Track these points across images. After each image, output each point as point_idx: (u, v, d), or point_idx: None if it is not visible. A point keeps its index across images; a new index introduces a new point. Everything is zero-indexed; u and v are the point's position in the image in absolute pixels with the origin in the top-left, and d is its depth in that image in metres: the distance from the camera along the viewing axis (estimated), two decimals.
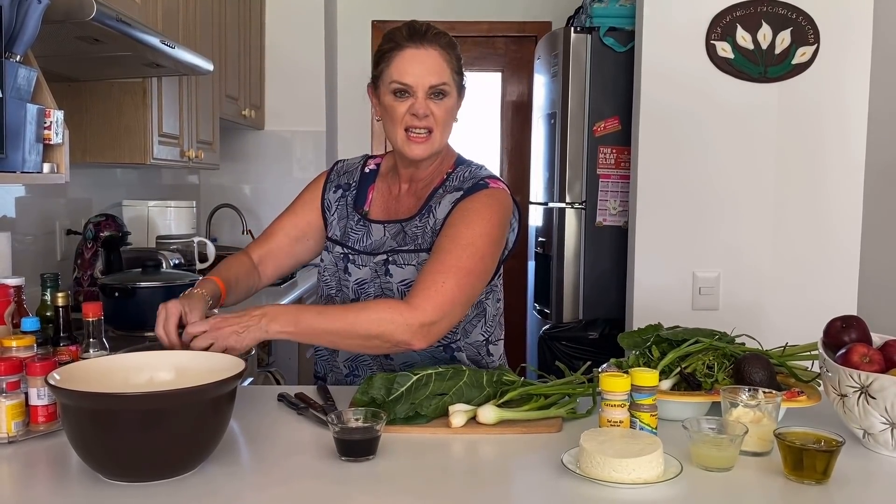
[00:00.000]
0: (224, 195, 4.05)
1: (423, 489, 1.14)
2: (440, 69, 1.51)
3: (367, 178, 1.70)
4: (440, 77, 1.51)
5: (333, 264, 1.64)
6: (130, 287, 2.16)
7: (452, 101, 1.54)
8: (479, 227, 1.47)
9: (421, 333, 1.39)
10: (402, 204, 1.63)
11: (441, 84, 1.51)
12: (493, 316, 1.64)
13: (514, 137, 4.59)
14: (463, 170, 1.61)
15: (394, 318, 1.38)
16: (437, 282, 1.41)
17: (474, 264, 1.45)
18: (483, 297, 1.59)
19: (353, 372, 1.65)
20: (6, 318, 1.48)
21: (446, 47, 1.53)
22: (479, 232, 1.47)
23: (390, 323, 1.38)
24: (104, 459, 1.12)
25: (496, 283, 1.63)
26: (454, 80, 1.53)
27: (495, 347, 1.66)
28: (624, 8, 3.10)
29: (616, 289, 3.04)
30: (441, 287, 1.40)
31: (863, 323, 1.37)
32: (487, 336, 1.63)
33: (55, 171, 1.69)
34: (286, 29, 4.03)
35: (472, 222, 1.48)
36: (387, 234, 1.60)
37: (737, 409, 1.26)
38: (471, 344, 1.61)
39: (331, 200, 1.70)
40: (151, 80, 2.49)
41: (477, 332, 1.61)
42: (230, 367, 1.23)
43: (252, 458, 1.25)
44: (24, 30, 1.50)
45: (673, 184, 2.75)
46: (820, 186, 2.74)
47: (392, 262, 1.55)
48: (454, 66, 1.53)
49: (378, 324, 1.38)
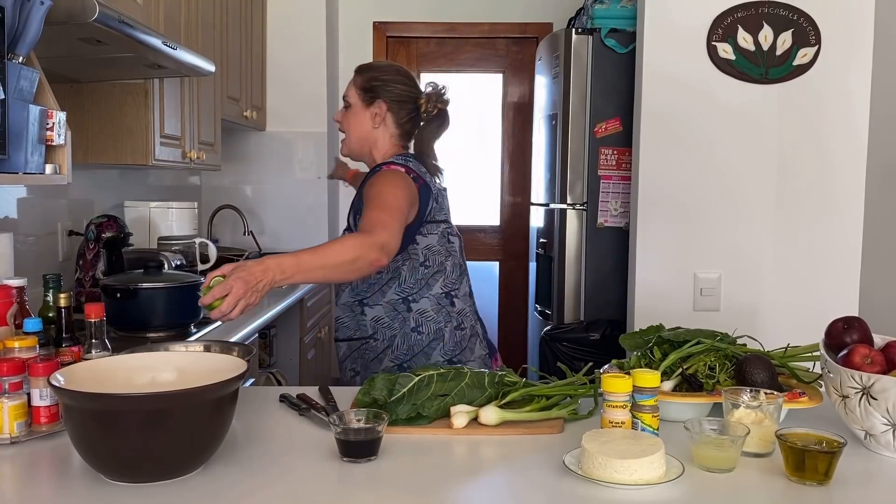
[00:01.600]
0: (225, 196, 4.06)
1: (425, 490, 1.14)
2: (347, 87, 2.03)
3: None
4: (345, 91, 2.04)
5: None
6: (132, 288, 2.17)
7: (354, 111, 1.99)
8: (378, 186, 1.86)
9: (384, 251, 1.67)
10: None
11: (344, 96, 2.03)
12: (416, 279, 1.92)
13: (516, 138, 4.59)
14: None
15: (362, 241, 1.67)
16: (371, 217, 1.75)
17: (388, 199, 1.80)
18: (399, 265, 1.90)
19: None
20: (8, 319, 1.48)
21: (357, 72, 2.03)
22: (379, 189, 1.84)
23: (361, 246, 1.65)
24: (106, 460, 1.12)
25: (417, 252, 1.91)
26: (357, 94, 1.99)
27: (459, 301, 1.96)
28: (625, 9, 3.10)
29: (617, 290, 3.04)
30: (376, 218, 1.74)
31: (864, 324, 1.37)
32: (405, 295, 1.91)
33: (57, 172, 1.69)
34: (288, 30, 4.03)
35: (371, 185, 1.87)
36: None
37: (738, 410, 1.26)
38: (388, 302, 1.91)
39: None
40: (153, 81, 2.49)
41: (392, 292, 1.91)
42: (232, 368, 1.23)
43: (254, 459, 1.25)
44: (27, 31, 1.50)
45: (674, 185, 2.75)
46: (821, 187, 2.73)
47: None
48: (359, 84, 2.00)
49: (353, 249, 1.65)
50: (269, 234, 4.13)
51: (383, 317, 1.92)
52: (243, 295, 1.45)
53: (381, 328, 1.92)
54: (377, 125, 1.99)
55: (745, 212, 2.75)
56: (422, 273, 1.93)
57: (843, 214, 2.74)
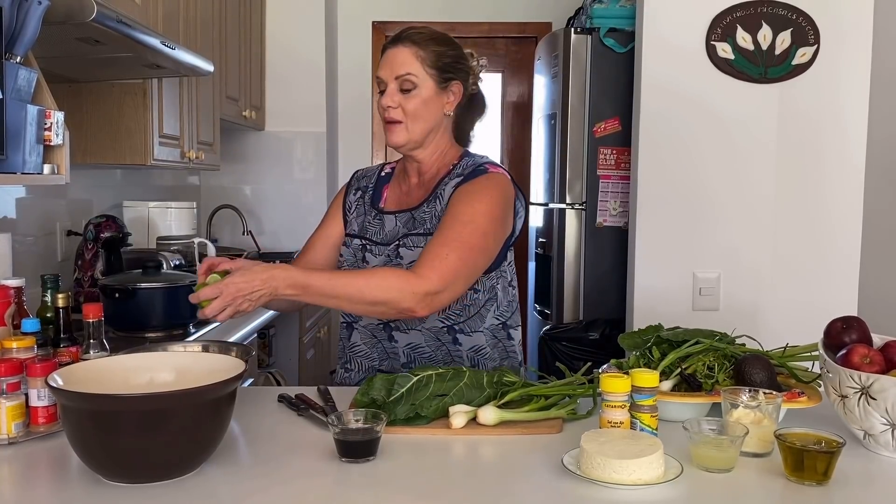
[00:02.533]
0: (224, 196, 4.06)
1: (424, 490, 1.14)
2: (408, 62, 1.60)
3: (383, 179, 1.80)
4: (405, 68, 1.60)
5: (352, 255, 1.71)
6: (131, 288, 2.16)
7: (425, 94, 1.61)
8: (479, 206, 1.55)
9: (425, 302, 1.44)
10: (412, 196, 1.71)
11: (406, 74, 1.59)
12: (508, 301, 1.69)
13: (515, 138, 4.59)
14: (467, 160, 1.70)
15: (401, 286, 1.44)
16: (440, 254, 1.47)
17: (476, 240, 1.52)
18: (494, 283, 1.65)
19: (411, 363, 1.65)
20: (7, 320, 1.48)
21: (421, 43, 1.61)
22: (479, 210, 1.54)
23: (398, 291, 1.43)
24: (104, 460, 1.12)
25: (505, 270, 1.68)
26: (427, 72, 1.60)
27: (515, 332, 1.71)
28: (624, 9, 3.10)
29: (616, 289, 3.04)
30: (445, 259, 1.47)
31: (863, 324, 1.37)
32: (504, 321, 1.68)
33: (55, 172, 1.69)
34: (287, 30, 4.03)
35: (471, 201, 1.56)
36: (398, 223, 1.68)
37: (737, 410, 1.26)
38: (488, 328, 1.65)
39: (351, 202, 1.79)
40: (152, 81, 2.49)
41: (491, 316, 1.66)
42: (230, 368, 1.23)
43: (252, 459, 1.25)
44: (25, 31, 1.50)
45: (673, 184, 2.75)
46: (820, 187, 2.73)
47: (403, 246, 1.63)
48: (430, 61, 1.60)
49: (386, 291, 1.43)
50: (268, 233, 4.13)
51: (484, 346, 1.64)
52: (232, 301, 1.36)
53: (482, 360, 1.64)
54: (450, 111, 1.67)
55: (745, 211, 2.75)
56: (511, 295, 1.69)
57: (841, 214, 2.74)
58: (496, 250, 1.60)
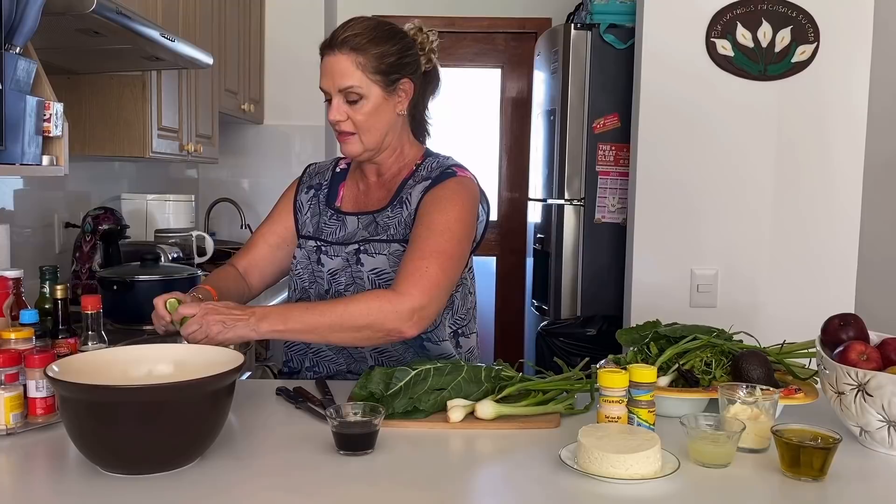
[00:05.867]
0: (223, 189, 4.05)
1: (421, 483, 1.14)
2: (348, 73, 1.51)
3: (338, 176, 1.74)
4: (347, 80, 1.51)
5: (306, 258, 1.66)
6: (129, 280, 2.16)
7: (373, 102, 1.53)
8: (453, 213, 1.51)
9: (412, 320, 1.40)
10: (371, 196, 1.66)
11: (348, 87, 1.51)
12: (466, 310, 1.67)
13: (514, 134, 4.59)
14: (431, 161, 1.65)
15: (382, 306, 1.39)
16: (420, 267, 1.43)
17: (453, 248, 1.48)
18: (452, 292, 1.60)
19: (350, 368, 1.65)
20: (5, 311, 1.48)
21: (359, 48, 1.51)
22: (452, 217, 1.50)
23: (379, 311, 1.39)
24: (102, 452, 1.12)
25: (465, 277, 1.65)
26: (371, 80, 1.52)
27: (466, 340, 1.68)
28: (624, 5, 3.09)
29: (614, 285, 3.05)
30: (425, 272, 1.43)
31: (860, 321, 1.37)
32: (456, 328, 1.65)
33: (54, 164, 1.69)
34: (286, 23, 4.02)
35: (444, 209, 1.51)
36: (360, 225, 1.63)
37: (734, 406, 1.26)
38: (439, 337, 1.62)
39: (302, 201, 1.73)
40: (151, 74, 2.49)
41: (445, 324, 1.63)
42: (229, 360, 1.23)
43: (250, 452, 1.25)
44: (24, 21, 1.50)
45: (672, 181, 2.75)
46: (819, 184, 2.74)
47: (363, 252, 1.58)
48: (371, 67, 1.51)
49: (368, 313, 1.39)
50: None
51: (452, 353, 1.63)
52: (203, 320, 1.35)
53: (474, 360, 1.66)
54: (402, 111, 1.59)
55: (743, 209, 2.75)
56: (470, 303, 1.67)
57: (840, 211, 2.75)
58: (467, 256, 1.57)
